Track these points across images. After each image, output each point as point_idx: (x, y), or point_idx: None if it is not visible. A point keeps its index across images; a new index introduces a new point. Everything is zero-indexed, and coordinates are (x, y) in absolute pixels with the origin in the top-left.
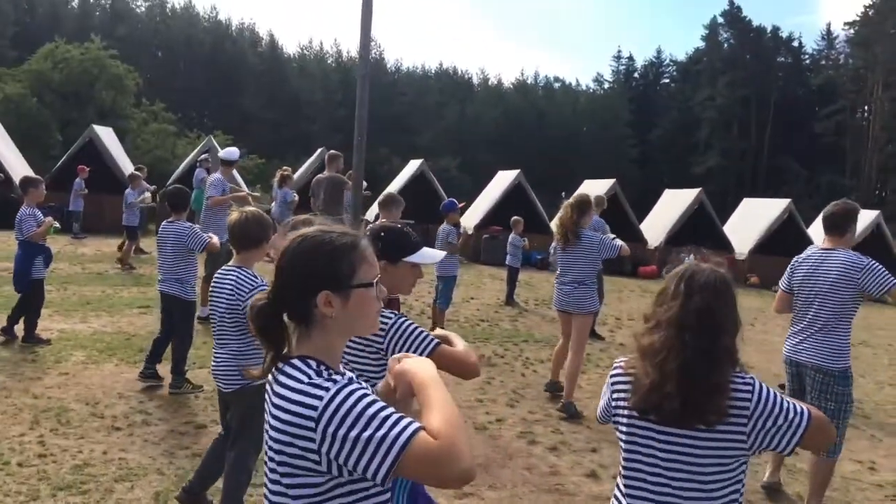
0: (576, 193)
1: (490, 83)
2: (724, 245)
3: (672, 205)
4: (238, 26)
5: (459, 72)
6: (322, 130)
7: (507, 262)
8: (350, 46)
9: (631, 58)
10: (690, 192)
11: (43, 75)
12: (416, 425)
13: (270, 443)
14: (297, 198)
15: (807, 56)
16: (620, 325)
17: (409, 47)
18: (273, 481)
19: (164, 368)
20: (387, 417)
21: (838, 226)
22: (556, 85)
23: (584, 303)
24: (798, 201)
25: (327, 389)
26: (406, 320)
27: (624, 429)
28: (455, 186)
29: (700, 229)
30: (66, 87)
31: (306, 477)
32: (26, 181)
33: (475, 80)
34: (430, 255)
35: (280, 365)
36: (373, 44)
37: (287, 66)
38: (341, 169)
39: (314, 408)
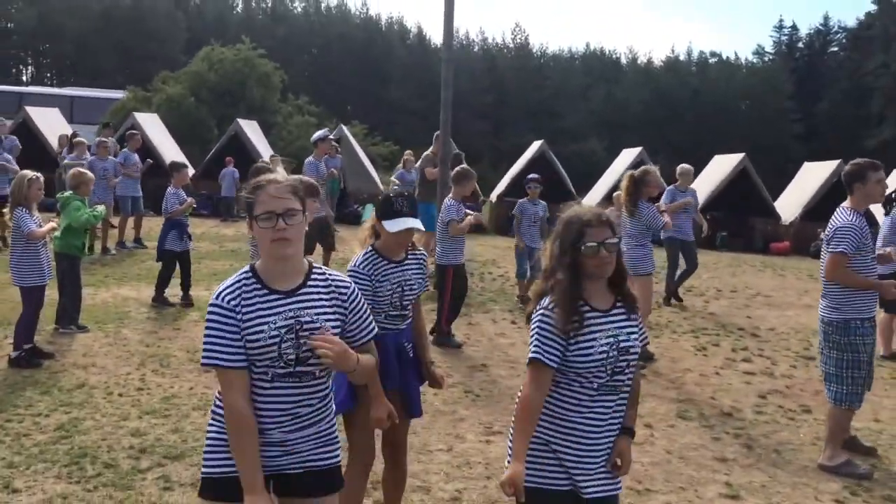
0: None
1: (639, 62)
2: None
3: (810, 178)
4: (387, 21)
5: (606, 52)
6: (466, 118)
7: None
8: (495, 34)
9: (794, 27)
10: (829, 164)
11: (200, 76)
12: None
13: None
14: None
15: None
16: (718, 297)
17: (554, 30)
18: None
19: None
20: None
21: (846, 186)
22: (712, 60)
23: (640, 265)
24: None
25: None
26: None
27: None
28: (601, 169)
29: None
30: (221, 87)
31: None
32: (172, 166)
33: (623, 61)
34: (398, 224)
35: None
36: (517, 29)
37: (433, 57)
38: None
39: None
